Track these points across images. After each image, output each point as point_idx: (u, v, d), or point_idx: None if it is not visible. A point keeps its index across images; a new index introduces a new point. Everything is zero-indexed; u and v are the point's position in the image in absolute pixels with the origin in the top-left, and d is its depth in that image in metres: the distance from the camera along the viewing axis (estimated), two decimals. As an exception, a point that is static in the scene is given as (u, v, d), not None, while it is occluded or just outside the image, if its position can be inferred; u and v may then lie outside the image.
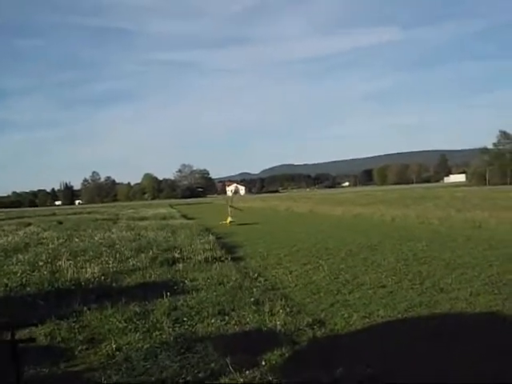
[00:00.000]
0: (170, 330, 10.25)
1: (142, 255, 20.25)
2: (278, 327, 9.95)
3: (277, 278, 15.69)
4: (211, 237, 27.06)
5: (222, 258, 19.51)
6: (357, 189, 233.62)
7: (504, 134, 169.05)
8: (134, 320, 11.08)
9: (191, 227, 36.03)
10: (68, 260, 19.60)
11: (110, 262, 19.06)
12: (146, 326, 10.68)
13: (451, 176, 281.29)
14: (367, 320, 10.39)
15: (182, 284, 14.86)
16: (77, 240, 28.66)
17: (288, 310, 11.23)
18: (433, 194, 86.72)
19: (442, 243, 21.63)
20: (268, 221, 44.28)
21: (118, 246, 23.96)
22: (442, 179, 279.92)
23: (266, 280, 15.29)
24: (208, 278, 15.52)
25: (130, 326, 10.66)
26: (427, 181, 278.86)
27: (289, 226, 36.21)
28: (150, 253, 20.76)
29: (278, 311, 11.05)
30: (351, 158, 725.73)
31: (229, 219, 41.04)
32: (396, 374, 7.41)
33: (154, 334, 10.09)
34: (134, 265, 18.69)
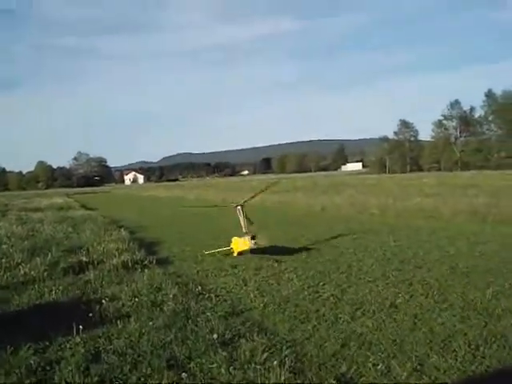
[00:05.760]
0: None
1: (38, 259, 15.10)
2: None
3: (231, 293, 11.41)
4: (123, 232, 22.18)
5: (145, 262, 14.97)
6: (258, 177, 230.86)
7: (404, 122, 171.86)
8: (27, 386, 6.53)
9: (95, 220, 30.76)
10: None
11: (-7, 271, 14.11)
12: (49, 400, 6.18)
13: (348, 164, 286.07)
14: (425, 378, 6.37)
15: (98, 306, 10.17)
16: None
17: (281, 355, 7.08)
18: (342, 181, 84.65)
19: (409, 237, 18.23)
20: (190, 214, 39.30)
21: (4, 247, 18.52)
22: (340, 168, 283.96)
23: (217, 296, 10.94)
24: (134, 296, 10.99)
25: (19, 403, 6.12)
26: (325, 169, 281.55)
27: (211, 219, 31.18)
28: (49, 256, 15.73)
29: (268, 359, 6.89)
30: (249, 146, 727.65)
31: (246, 242, 15.73)
32: None
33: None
34: (26, 274, 13.68)
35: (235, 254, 16.34)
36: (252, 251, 15.82)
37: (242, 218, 16.48)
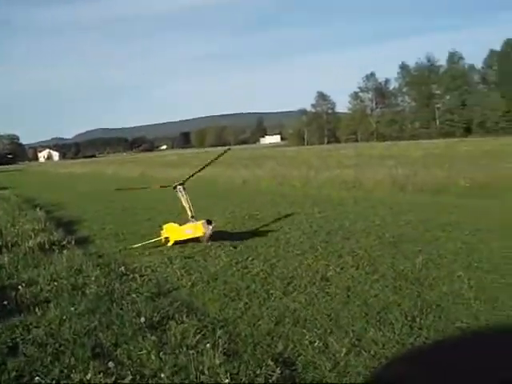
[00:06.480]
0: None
1: None
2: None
3: (156, 272, 10.95)
4: (39, 211, 21.09)
5: (64, 243, 14.22)
6: (177, 151, 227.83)
7: (321, 95, 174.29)
8: None
9: (8, 199, 29.25)
10: None
11: None
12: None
13: (267, 137, 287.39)
14: (364, 353, 6.19)
15: (13, 293, 9.44)
16: None
17: (214, 337, 6.74)
18: (262, 154, 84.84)
19: (334, 208, 18.28)
20: (111, 189, 38.06)
21: None
22: (259, 140, 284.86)
23: (142, 276, 10.45)
24: (53, 279, 10.32)
25: None
26: (244, 142, 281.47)
27: (133, 195, 30.07)
28: (-44, 240, 14.74)
29: (200, 342, 6.55)
30: (167, 121, 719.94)
31: (199, 227, 13.15)
32: None
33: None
34: None
35: (170, 244, 13.71)
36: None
37: (184, 200, 13.94)
